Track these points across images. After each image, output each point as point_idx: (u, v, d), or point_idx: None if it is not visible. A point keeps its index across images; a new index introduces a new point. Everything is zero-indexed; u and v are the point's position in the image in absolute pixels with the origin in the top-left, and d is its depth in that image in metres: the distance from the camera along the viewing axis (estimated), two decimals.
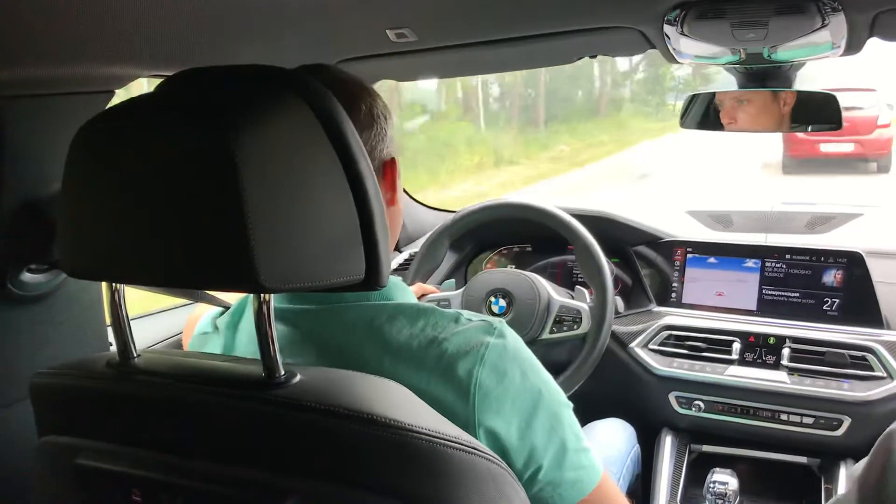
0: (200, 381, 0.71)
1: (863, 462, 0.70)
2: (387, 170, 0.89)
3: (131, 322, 0.76)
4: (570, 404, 0.86)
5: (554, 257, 1.95)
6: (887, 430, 0.70)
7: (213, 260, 0.62)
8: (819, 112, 1.38)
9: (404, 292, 0.87)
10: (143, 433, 0.72)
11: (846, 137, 10.53)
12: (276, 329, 0.68)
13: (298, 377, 0.69)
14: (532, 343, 1.54)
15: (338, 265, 0.66)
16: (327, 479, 0.65)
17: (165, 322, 1.62)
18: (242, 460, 0.67)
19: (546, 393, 0.83)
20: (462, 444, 0.68)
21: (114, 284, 0.74)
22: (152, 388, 0.72)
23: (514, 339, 0.82)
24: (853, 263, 1.61)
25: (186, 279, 0.66)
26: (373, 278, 0.69)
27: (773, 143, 11.18)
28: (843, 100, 1.37)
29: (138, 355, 0.76)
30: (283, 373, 0.68)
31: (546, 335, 1.57)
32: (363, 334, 0.81)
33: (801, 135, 10.66)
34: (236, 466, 0.67)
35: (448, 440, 0.67)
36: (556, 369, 1.41)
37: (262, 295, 0.66)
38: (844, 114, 1.37)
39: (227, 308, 1.00)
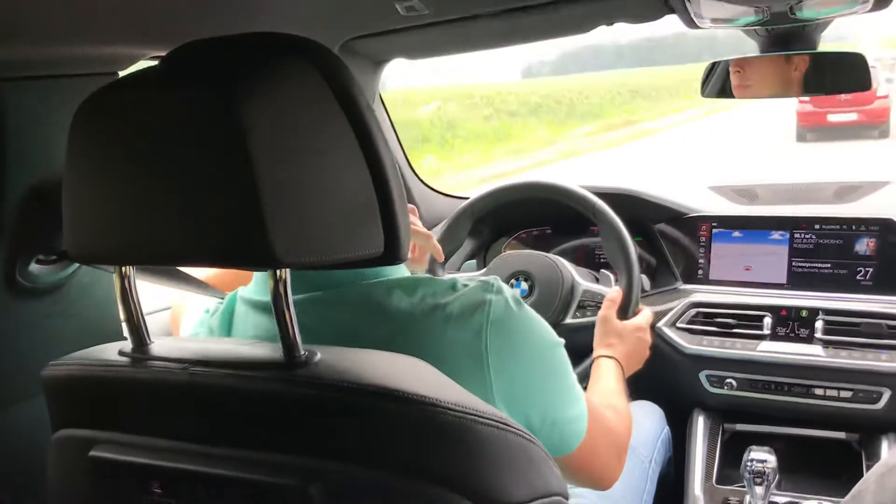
0: (218, 364, 0.68)
1: None
2: None
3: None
4: (562, 342, 0.89)
5: (575, 239, 1.90)
6: None
7: (226, 235, 0.59)
8: (848, 73, 1.33)
9: (397, 268, 0.86)
10: (161, 422, 0.70)
11: (850, 108, 12.50)
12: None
13: (319, 356, 0.66)
14: (555, 327, 1.50)
15: (356, 239, 0.64)
16: (354, 460, 0.63)
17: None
18: (265, 444, 0.65)
19: (549, 338, 0.86)
20: (492, 420, 0.65)
21: (124, 270, 0.72)
22: (168, 374, 0.69)
23: (513, 293, 0.83)
24: (887, 230, 1.56)
25: (198, 257, 0.64)
26: (393, 251, 0.67)
27: (787, 116, 13.47)
28: None
29: (152, 342, 0.74)
30: (303, 353, 0.66)
31: (569, 320, 1.52)
32: (365, 311, 0.80)
33: (809, 106, 12.42)
34: (259, 451, 0.65)
35: (477, 415, 0.64)
36: (579, 355, 1.36)
37: (277, 272, 0.64)
38: None
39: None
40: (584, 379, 1.26)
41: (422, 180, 2.13)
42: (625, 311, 1.40)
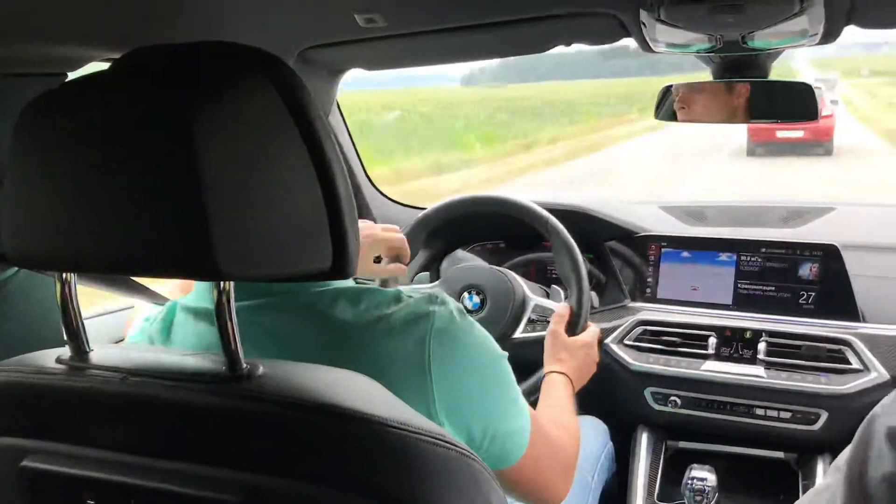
0: (159, 375, 0.67)
1: (846, 451, 0.69)
2: None
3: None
4: (506, 354, 0.89)
5: (528, 254, 1.91)
6: (868, 416, 0.69)
7: (170, 245, 0.58)
8: (796, 103, 1.36)
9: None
10: (96, 432, 0.68)
11: (798, 125, 12.59)
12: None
13: (262, 370, 0.65)
14: (504, 341, 1.50)
15: (303, 252, 0.63)
16: (295, 477, 0.61)
17: (109, 325, 1.56)
18: (203, 458, 0.63)
19: (493, 350, 0.86)
20: (436, 438, 0.64)
21: (65, 275, 0.70)
22: (106, 384, 0.67)
23: (457, 305, 0.84)
24: (829, 256, 1.60)
25: (141, 266, 0.62)
26: (341, 266, 0.66)
27: (739, 132, 14.01)
28: None
29: (91, 350, 0.72)
30: (245, 366, 0.65)
31: (520, 334, 1.53)
32: (308, 320, 0.80)
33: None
34: (197, 465, 0.63)
35: (422, 433, 0.63)
36: (528, 369, 1.37)
37: (221, 284, 0.63)
38: None
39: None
40: (532, 393, 1.27)
41: (377, 189, 2.12)
42: (574, 326, 1.41)
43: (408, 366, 0.77)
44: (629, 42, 1.31)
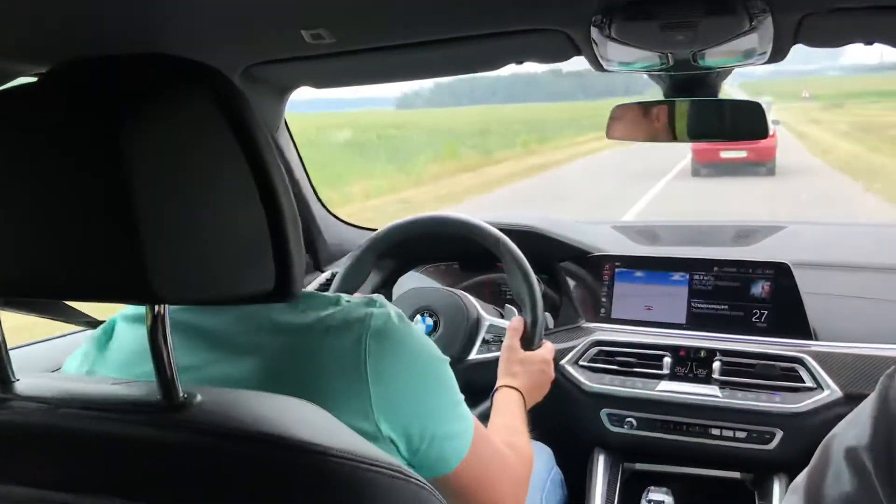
0: (89, 406, 0.63)
1: (804, 472, 0.69)
2: None
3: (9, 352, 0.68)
4: (447, 359, 0.89)
5: (482, 275, 1.89)
6: (826, 438, 0.70)
7: (101, 267, 0.55)
8: (747, 121, 1.37)
9: None
10: (20, 467, 0.63)
11: (741, 146, 13.66)
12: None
13: (199, 398, 0.62)
14: (459, 363, 1.47)
15: (244, 274, 0.61)
16: None
17: (45, 353, 1.49)
18: (137, 494, 0.59)
19: (431, 352, 0.87)
20: (384, 467, 0.62)
21: None
22: (32, 416, 0.63)
23: (396, 311, 0.84)
24: (781, 274, 1.61)
25: (71, 290, 0.59)
26: (284, 289, 0.63)
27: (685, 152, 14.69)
28: None
29: (16, 380, 0.68)
30: (182, 395, 0.61)
31: (474, 355, 1.51)
32: (246, 323, 0.80)
33: (705, 143, 13.12)
34: (130, 501, 0.59)
35: (369, 462, 0.60)
36: (482, 393, 1.34)
37: (155, 307, 0.59)
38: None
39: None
40: (486, 419, 1.24)
41: (327, 209, 2.09)
42: (529, 341, 1.40)
43: (345, 365, 0.77)
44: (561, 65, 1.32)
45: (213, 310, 0.80)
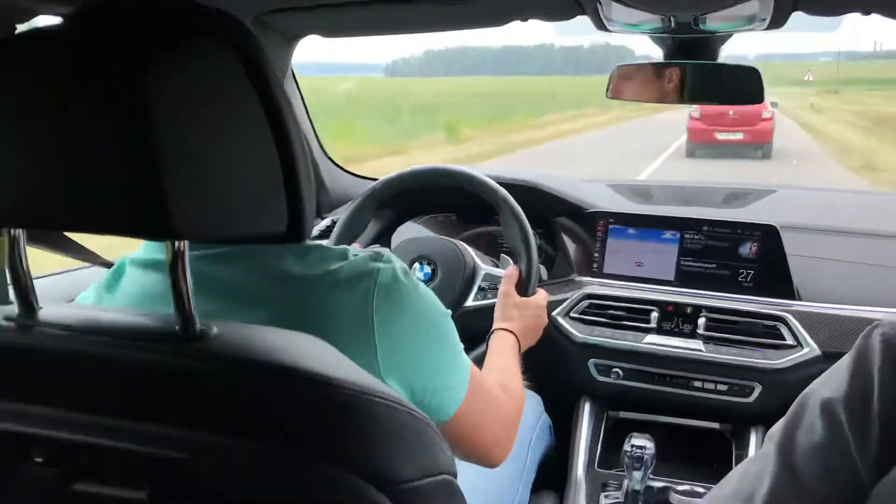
0: (110, 333, 0.66)
1: (780, 422, 0.73)
2: None
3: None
4: (449, 312, 0.91)
5: (479, 226, 1.94)
6: (803, 392, 0.72)
7: (123, 203, 0.58)
8: (743, 85, 1.40)
9: None
10: (45, 390, 0.67)
11: (737, 127, 13.51)
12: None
13: (215, 331, 0.65)
14: (455, 309, 1.52)
15: (259, 215, 0.64)
16: (247, 436, 0.62)
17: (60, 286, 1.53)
18: (155, 416, 0.63)
19: (436, 307, 0.88)
20: (386, 399, 0.66)
21: (13, 233, 0.68)
22: (55, 341, 0.67)
23: (402, 265, 0.86)
24: (768, 236, 1.66)
25: (92, 224, 0.62)
26: (295, 230, 0.66)
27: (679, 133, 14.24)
28: None
29: (41, 307, 0.71)
30: (199, 326, 0.65)
31: (470, 302, 1.56)
32: (256, 273, 0.81)
33: (700, 123, 13.42)
34: (149, 423, 0.63)
35: (372, 394, 0.65)
36: (477, 338, 1.39)
37: (176, 243, 0.62)
38: (737, 108, 1.41)
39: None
40: (480, 363, 1.30)
41: (330, 158, 2.12)
42: (524, 288, 1.44)
43: (352, 320, 0.79)
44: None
45: (226, 260, 0.82)
